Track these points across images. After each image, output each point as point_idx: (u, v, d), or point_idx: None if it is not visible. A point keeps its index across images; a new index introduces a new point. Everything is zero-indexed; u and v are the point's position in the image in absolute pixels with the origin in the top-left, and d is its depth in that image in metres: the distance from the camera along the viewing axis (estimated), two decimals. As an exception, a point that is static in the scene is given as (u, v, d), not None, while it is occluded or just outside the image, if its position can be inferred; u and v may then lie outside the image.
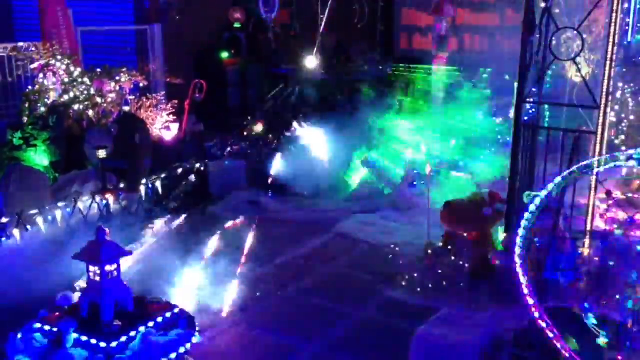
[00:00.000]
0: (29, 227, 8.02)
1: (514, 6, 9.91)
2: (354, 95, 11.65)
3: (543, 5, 7.47)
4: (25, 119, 9.89)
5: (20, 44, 11.07)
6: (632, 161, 6.61)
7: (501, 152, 9.77)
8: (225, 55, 13.61)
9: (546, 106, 7.86)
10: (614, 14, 6.52)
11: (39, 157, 9.45)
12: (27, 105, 10.06)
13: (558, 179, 6.71)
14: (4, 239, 7.71)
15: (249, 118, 12.27)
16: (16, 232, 7.92)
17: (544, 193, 6.60)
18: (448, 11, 10.78)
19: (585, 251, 6.84)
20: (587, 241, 6.84)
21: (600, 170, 6.75)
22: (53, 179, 9.27)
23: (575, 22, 8.18)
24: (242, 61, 13.77)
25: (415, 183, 9.84)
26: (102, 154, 9.26)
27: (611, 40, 6.66)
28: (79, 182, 9.15)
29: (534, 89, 8.07)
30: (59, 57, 10.35)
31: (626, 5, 8.29)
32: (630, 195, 7.95)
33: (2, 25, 15.55)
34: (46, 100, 10.13)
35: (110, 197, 8.95)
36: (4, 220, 7.88)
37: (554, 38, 7.69)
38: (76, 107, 10.14)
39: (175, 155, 10.79)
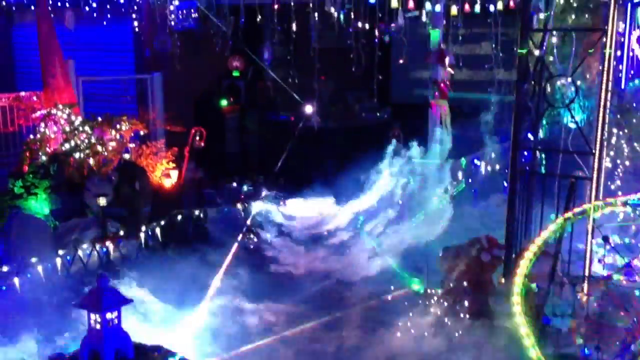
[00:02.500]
0: (28, 275, 8.00)
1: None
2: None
3: (537, 52, 7.64)
4: (26, 168, 9.97)
5: (22, 93, 11.23)
6: (628, 207, 6.70)
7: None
8: (224, 102, 13.80)
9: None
10: (607, 62, 6.66)
11: (40, 205, 9.50)
12: (28, 154, 10.15)
13: (554, 225, 6.79)
14: (3, 287, 7.69)
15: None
16: (16, 281, 7.90)
17: (540, 239, 6.67)
18: (447, 60, 10.93)
19: (584, 297, 6.85)
20: (585, 286, 6.85)
21: (597, 216, 6.83)
22: (53, 227, 9.29)
23: (569, 68, 8.35)
24: (241, 108, 13.96)
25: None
26: (102, 201, 9.32)
27: (604, 87, 6.80)
28: (79, 230, 9.16)
29: (529, 135, 8.20)
30: (60, 107, 10.49)
31: (619, 53, 8.45)
32: (627, 240, 8.00)
33: (5, 75, 15.81)
34: (47, 148, 10.23)
35: (110, 245, 8.96)
36: (4, 268, 7.88)
37: (548, 85, 7.84)
38: (77, 155, 10.22)
39: (175, 202, 10.84)
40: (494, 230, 8.22)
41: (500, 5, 9.52)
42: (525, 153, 7.92)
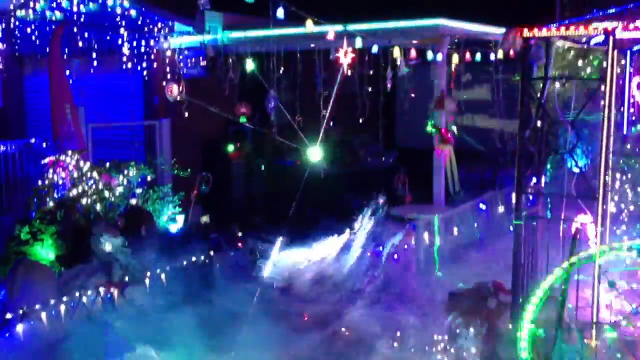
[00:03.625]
0: (32, 322, 8.00)
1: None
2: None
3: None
4: (33, 214, 10.04)
5: (33, 140, 11.38)
6: (633, 251, 6.68)
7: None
8: (231, 148, 13.94)
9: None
10: (606, 109, 6.72)
11: (45, 251, 9.54)
12: (35, 200, 10.24)
13: (559, 270, 6.76)
14: (7, 334, 7.69)
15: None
16: (19, 328, 7.90)
17: (546, 284, 6.64)
18: (449, 105, 11.06)
19: (593, 343, 6.78)
20: (593, 332, 6.79)
21: (603, 261, 6.81)
22: (58, 273, 9.31)
23: (571, 114, 8.43)
24: (247, 154, 14.08)
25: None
26: (108, 247, 9.38)
27: (605, 133, 6.85)
28: (84, 276, 9.18)
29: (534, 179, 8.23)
30: (69, 153, 10.61)
31: (620, 99, 8.53)
32: (635, 285, 7.94)
33: (16, 122, 16.07)
34: (55, 194, 10.32)
35: (115, 291, 8.96)
36: (8, 315, 7.89)
37: (551, 130, 7.90)
38: (84, 201, 10.30)
39: (181, 247, 10.86)
40: (500, 275, 8.20)
41: (500, 54, 9.68)
42: (530, 197, 7.94)
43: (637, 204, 8.69)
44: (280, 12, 7.65)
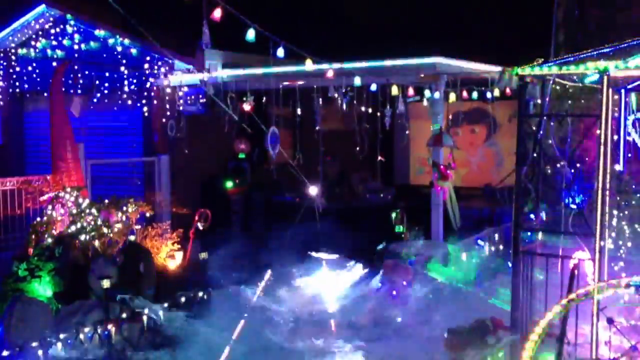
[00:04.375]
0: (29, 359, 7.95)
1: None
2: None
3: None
4: (31, 250, 10.03)
5: (31, 177, 11.42)
6: (631, 288, 6.68)
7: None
8: (229, 184, 13.99)
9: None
10: (602, 147, 6.79)
11: (43, 288, 9.51)
12: (33, 237, 10.24)
13: (558, 307, 6.75)
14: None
15: None
16: (16, 365, 7.85)
17: (544, 321, 6.62)
18: (447, 142, 11.13)
19: (593, 380, 6.73)
20: (593, 370, 6.75)
21: (601, 298, 6.80)
22: (55, 310, 9.27)
23: (567, 151, 8.50)
24: (246, 190, 14.13)
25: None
26: (106, 283, 9.35)
27: (601, 170, 6.90)
28: (82, 313, 9.13)
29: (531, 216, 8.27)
30: (69, 189, 10.65)
31: (616, 137, 8.60)
32: (634, 322, 7.92)
33: (15, 159, 16.14)
34: (53, 231, 10.32)
35: (112, 328, 8.91)
36: (5, 353, 7.84)
37: (547, 167, 7.98)
38: (83, 237, 10.30)
39: (179, 284, 10.83)
40: (499, 311, 8.18)
41: (497, 92, 9.81)
42: (529, 233, 7.97)
43: (634, 240, 8.70)
44: (280, 52, 7.76)
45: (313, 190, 13.32)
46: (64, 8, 14.43)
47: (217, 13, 6.57)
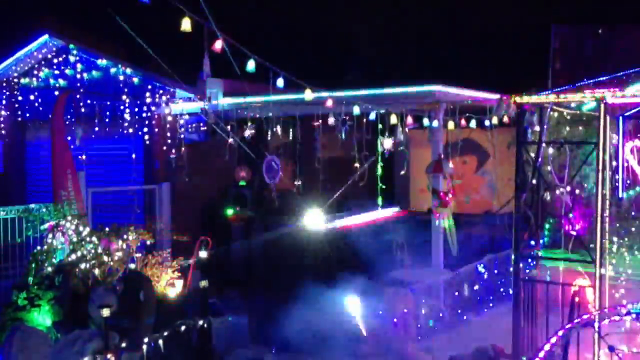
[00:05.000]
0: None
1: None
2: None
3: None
4: (31, 279, 10.01)
5: (32, 205, 11.45)
6: (632, 315, 6.67)
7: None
8: (230, 211, 13.99)
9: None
10: (600, 174, 6.84)
11: (42, 317, 9.47)
12: (33, 266, 10.22)
13: (559, 334, 6.74)
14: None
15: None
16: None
17: (546, 348, 6.61)
18: (447, 169, 11.17)
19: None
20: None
21: (601, 325, 6.79)
22: (55, 340, 9.22)
23: (566, 178, 8.54)
24: (247, 218, 14.13)
25: None
26: (105, 312, 9.29)
27: (600, 197, 6.94)
28: (81, 342, 9.07)
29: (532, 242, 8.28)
30: (69, 218, 10.66)
31: (614, 163, 8.65)
32: (635, 349, 7.89)
33: (16, 188, 16.19)
34: (53, 259, 10.31)
35: (111, 357, 8.85)
36: (4, 383, 7.80)
37: (547, 194, 8.00)
38: (83, 266, 10.28)
39: (179, 312, 10.78)
40: (500, 338, 8.15)
41: (495, 120, 9.88)
42: (529, 260, 7.98)
43: (634, 267, 8.70)
44: (280, 82, 7.83)
45: (313, 217, 13.32)
46: (67, 38, 14.59)
47: (218, 44, 6.65)
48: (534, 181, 8.28)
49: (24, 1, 21.33)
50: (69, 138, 12.21)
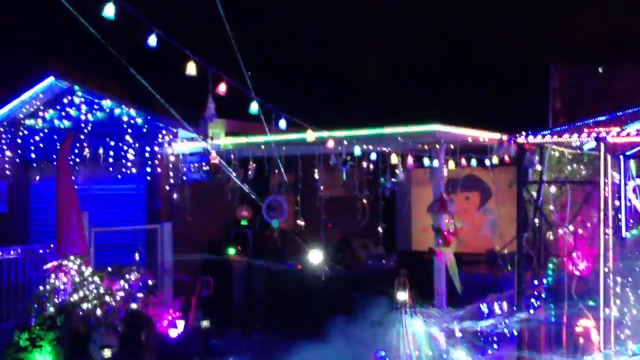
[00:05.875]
0: None
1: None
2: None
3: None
4: (33, 320, 9.97)
5: (35, 245, 11.44)
6: (637, 356, 6.62)
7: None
8: (232, 251, 13.99)
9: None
10: (602, 213, 6.85)
11: (44, 358, 9.40)
12: (35, 306, 10.18)
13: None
14: None
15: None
16: None
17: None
18: (451, 208, 11.19)
19: None
20: None
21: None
22: (56, 381, 9.16)
23: (567, 217, 8.54)
24: (249, 257, 14.12)
25: None
26: (107, 353, 9.26)
27: (602, 236, 6.95)
28: (82, 384, 9.03)
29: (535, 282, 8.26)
30: (72, 258, 10.65)
31: (617, 203, 8.66)
32: (641, 391, 7.80)
33: (19, 228, 16.20)
34: (55, 300, 10.28)
35: (112, 399, 8.79)
36: None
37: (550, 233, 8.00)
38: (85, 306, 10.24)
39: (181, 352, 10.71)
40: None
41: (495, 160, 9.93)
42: (532, 300, 7.94)
43: (639, 308, 8.64)
44: (282, 123, 7.93)
45: (315, 257, 13.30)
46: (72, 80, 14.75)
47: (222, 88, 6.74)
48: (536, 220, 8.31)
49: (30, 43, 21.66)
50: (73, 178, 12.27)
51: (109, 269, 10.94)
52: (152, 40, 5.99)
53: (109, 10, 5.46)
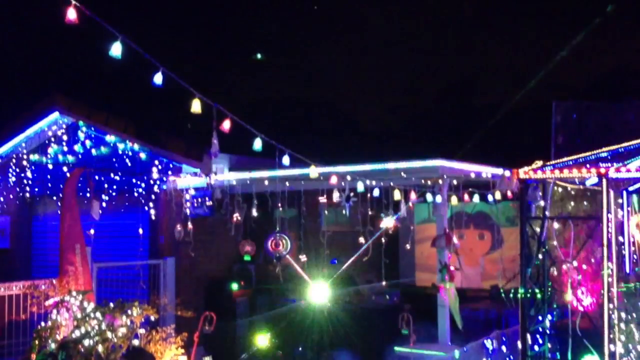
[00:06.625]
0: None
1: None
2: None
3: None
4: (34, 356, 9.90)
5: (37, 281, 11.42)
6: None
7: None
8: (235, 286, 13.93)
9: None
10: (605, 249, 6.84)
11: (44, 395, 9.33)
12: (37, 342, 10.12)
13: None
14: None
15: None
16: None
17: None
18: (454, 243, 11.17)
19: None
20: None
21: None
22: (56, 418, 9.06)
23: (571, 253, 8.51)
24: (252, 292, 14.05)
25: None
26: (108, 390, 9.17)
27: (606, 272, 6.92)
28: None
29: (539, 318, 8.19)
30: (74, 293, 10.62)
31: (621, 239, 8.66)
32: None
33: (22, 263, 16.18)
34: (57, 336, 10.23)
35: None
36: None
37: (553, 268, 7.97)
38: (86, 342, 10.18)
39: (182, 390, 10.61)
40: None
41: (498, 195, 9.94)
42: (537, 336, 7.88)
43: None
44: (285, 160, 7.97)
45: (318, 292, 13.24)
46: (77, 115, 14.86)
47: (227, 125, 6.80)
48: (540, 256, 8.28)
49: (35, 79, 21.90)
50: (87, 213, 12.31)
51: (111, 304, 10.90)
52: (158, 79, 6.06)
53: (116, 50, 5.54)
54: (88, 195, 13.46)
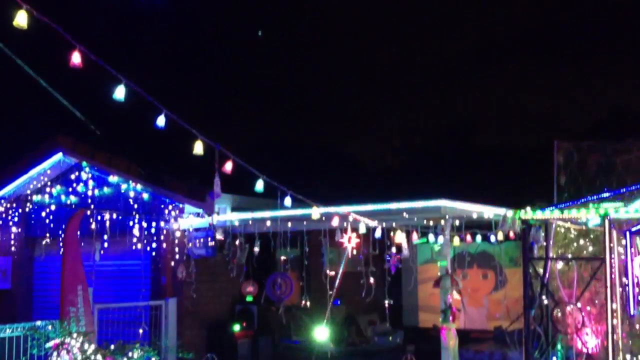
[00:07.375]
0: None
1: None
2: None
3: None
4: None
5: (38, 322, 11.35)
6: None
7: None
8: (237, 328, 13.82)
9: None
10: (609, 289, 6.80)
11: None
12: (35, 384, 10.01)
13: None
14: None
15: None
16: None
17: None
18: (457, 284, 11.11)
19: None
20: None
21: None
22: None
23: (574, 293, 8.46)
24: (254, 333, 13.93)
25: None
26: None
27: (609, 313, 6.87)
28: None
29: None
30: (75, 335, 10.53)
31: (625, 280, 8.60)
32: None
33: (22, 305, 16.08)
34: (56, 379, 10.11)
35: None
36: None
37: (557, 310, 7.91)
38: (86, 384, 10.07)
39: None
40: None
41: (500, 236, 9.92)
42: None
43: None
44: (287, 201, 8.00)
45: (321, 333, 13.13)
46: (80, 156, 14.93)
47: (229, 166, 6.84)
48: (544, 297, 8.22)
49: (38, 120, 22.09)
50: (91, 255, 12.29)
51: (112, 346, 10.81)
52: (161, 121, 6.12)
53: (120, 93, 5.61)
54: (80, 234, 13.47)
